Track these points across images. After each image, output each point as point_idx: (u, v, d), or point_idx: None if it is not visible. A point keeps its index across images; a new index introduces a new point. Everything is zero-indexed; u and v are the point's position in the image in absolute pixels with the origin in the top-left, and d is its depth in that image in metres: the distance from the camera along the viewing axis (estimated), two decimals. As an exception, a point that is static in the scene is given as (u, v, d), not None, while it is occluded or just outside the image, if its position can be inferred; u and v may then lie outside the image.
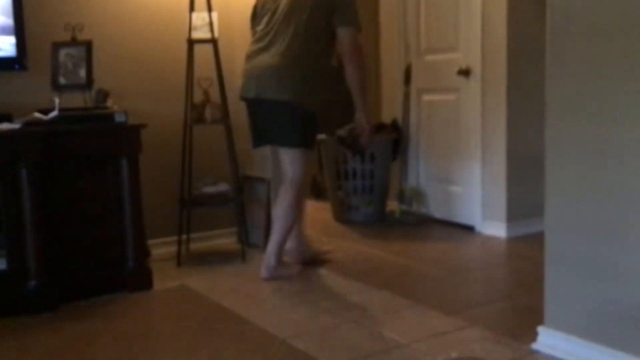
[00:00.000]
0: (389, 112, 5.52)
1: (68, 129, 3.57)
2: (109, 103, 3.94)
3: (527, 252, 4.35)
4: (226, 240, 4.67)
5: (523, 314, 3.28)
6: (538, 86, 4.62)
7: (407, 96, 5.35)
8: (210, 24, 4.21)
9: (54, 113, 3.57)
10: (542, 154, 4.63)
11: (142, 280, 3.79)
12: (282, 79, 3.72)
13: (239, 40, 4.54)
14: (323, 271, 4.10)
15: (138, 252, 3.79)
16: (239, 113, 4.49)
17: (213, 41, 4.23)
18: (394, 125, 5.42)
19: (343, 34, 3.79)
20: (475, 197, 4.88)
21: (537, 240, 4.47)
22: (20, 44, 3.90)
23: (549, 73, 2.73)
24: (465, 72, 4.86)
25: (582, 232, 2.66)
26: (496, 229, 4.72)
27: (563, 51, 2.67)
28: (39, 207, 3.47)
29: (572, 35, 2.63)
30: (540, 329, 2.87)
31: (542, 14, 4.54)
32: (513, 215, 4.68)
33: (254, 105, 3.90)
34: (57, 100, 3.66)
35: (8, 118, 3.68)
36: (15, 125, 3.47)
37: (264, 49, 3.82)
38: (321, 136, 5.47)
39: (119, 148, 3.68)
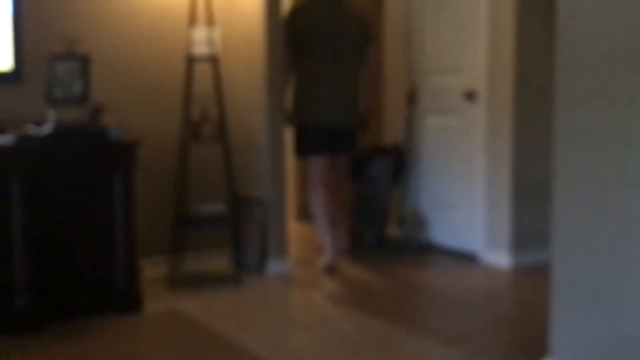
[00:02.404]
0: (391, 134, 5.43)
1: (62, 145, 3.47)
2: (104, 118, 3.85)
3: (531, 282, 4.23)
4: (220, 261, 4.54)
5: (526, 345, 3.16)
6: (546, 111, 4.58)
7: (410, 118, 5.25)
8: (211, 39, 4.12)
9: (48, 127, 3.47)
10: (549, 180, 4.58)
11: (132, 302, 3.66)
12: (353, 109, 4.57)
13: (239, 57, 4.45)
14: (320, 298, 3.98)
15: (129, 273, 3.66)
16: (237, 131, 4.41)
17: (213, 57, 4.14)
18: (395, 147, 5.32)
19: (371, 48, 4.70)
20: (479, 223, 4.77)
21: (541, 270, 4.38)
22: (18, 57, 3.82)
23: (558, 100, 2.65)
24: (469, 95, 4.77)
25: (591, 262, 2.56)
26: (500, 256, 4.60)
27: (573, 78, 2.61)
28: (28, 224, 3.36)
29: (581, 63, 2.58)
30: (546, 361, 2.76)
31: (550, 36, 4.51)
32: (517, 243, 4.56)
33: (332, 133, 4.51)
34: (51, 115, 3.56)
35: (1, 130, 3.58)
36: (8, 140, 3.36)
37: (330, 74, 4.43)
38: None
39: (113, 165, 3.57)
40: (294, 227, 5.45)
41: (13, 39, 3.83)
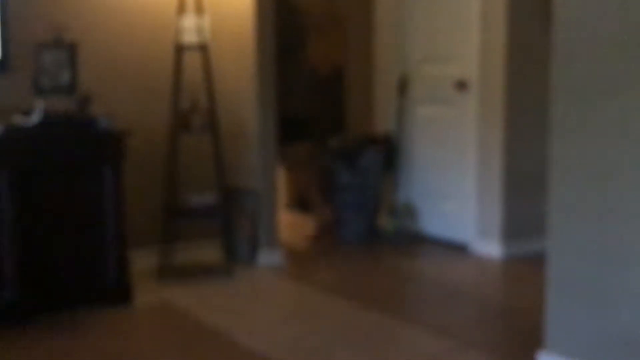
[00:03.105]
0: (382, 124, 5.39)
1: (50, 135, 3.41)
2: (92, 107, 3.79)
3: (523, 272, 4.23)
4: (210, 251, 4.49)
5: (520, 337, 3.15)
6: (538, 101, 4.56)
7: (401, 108, 5.22)
8: (200, 28, 4.06)
9: (36, 117, 3.41)
10: (541, 171, 4.56)
11: (122, 294, 3.62)
12: None
13: (229, 45, 4.40)
14: (312, 289, 3.95)
15: (118, 265, 3.62)
16: (227, 121, 4.36)
17: (203, 46, 4.09)
18: (386, 138, 5.29)
19: None
20: (470, 213, 4.75)
21: (533, 260, 4.39)
22: (4, 45, 3.75)
23: (554, 91, 2.63)
24: (461, 85, 4.74)
25: (586, 256, 2.54)
26: (491, 247, 4.58)
27: (568, 69, 2.59)
28: (17, 215, 3.32)
29: (577, 54, 2.56)
30: (540, 354, 2.74)
31: (543, 26, 4.50)
32: (508, 234, 4.55)
33: None
34: (39, 104, 3.50)
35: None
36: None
37: None
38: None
39: (102, 155, 3.53)
40: (284, 217, 5.41)
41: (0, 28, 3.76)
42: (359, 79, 6.06)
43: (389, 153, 5.25)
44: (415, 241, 5.03)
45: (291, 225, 5.39)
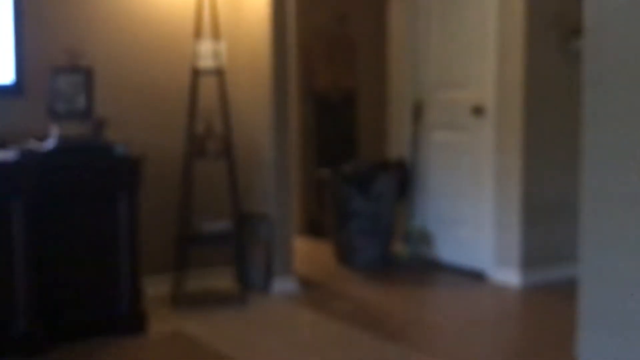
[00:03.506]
0: (396, 149, 5.33)
1: (65, 161, 3.36)
2: (107, 132, 3.74)
3: (542, 303, 4.15)
4: (224, 278, 4.42)
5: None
6: (555, 127, 4.52)
7: (415, 133, 5.16)
8: (217, 53, 4.02)
9: (51, 143, 3.35)
10: (560, 198, 4.56)
11: (136, 323, 3.54)
12: None
13: (245, 70, 4.36)
14: (328, 319, 3.87)
15: (133, 294, 3.55)
16: (242, 146, 4.30)
17: (219, 71, 4.05)
18: (400, 163, 5.23)
19: None
20: (487, 240, 4.67)
21: (552, 289, 4.32)
22: (19, 69, 3.71)
23: (588, 121, 2.57)
24: (478, 110, 4.69)
25: (621, 289, 2.46)
26: (509, 275, 4.50)
27: (603, 99, 2.53)
28: (30, 243, 3.25)
29: (611, 84, 2.50)
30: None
31: (561, 52, 4.46)
32: (527, 262, 4.46)
33: None
34: (54, 130, 3.45)
35: (2, 145, 3.48)
36: (10, 156, 3.25)
37: None
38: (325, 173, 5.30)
39: (118, 182, 3.47)
40: (299, 243, 5.33)
41: (14, 51, 3.72)
42: (371, 103, 6.02)
43: (403, 179, 5.19)
44: (430, 268, 4.96)
45: (305, 251, 5.32)
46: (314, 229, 6.08)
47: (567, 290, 4.32)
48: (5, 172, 3.19)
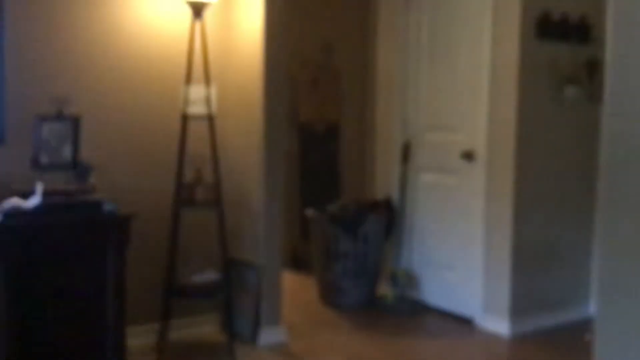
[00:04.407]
0: (383, 189, 5.26)
1: (51, 221, 3.19)
2: (92, 180, 3.60)
3: (532, 353, 4.10)
4: (208, 327, 4.30)
5: None
6: (546, 176, 4.49)
7: (403, 175, 5.08)
8: (207, 98, 3.90)
9: (36, 201, 3.19)
10: (551, 244, 4.52)
11: (121, 384, 3.40)
12: None
13: (235, 114, 4.24)
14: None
15: (117, 351, 3.40)
16: (231, 191, 4.18)
17: (210, 117, 3.92)
18: (387, 203, 5.15)
19: None
20: (476, 286, 4.62)
21: (541, 338, 4.28)
22: (0, 117, 3.54)
23: (602, 205, 2.50)
24: (468, 155, 4.63)
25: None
26: (498, 323, 4.45)
27: (621, 180, 2.45)
28: (13, 307, 3.09)
29: (632, 166, 2.42)
30: None
31: (555, 99, 4.42)
32: (517, 310, 4.42)
33: None
34: (39, 185, 3.28)
35: (-18, 199, 3.31)
36: (-8, 216, 3.08)
37: None
38: (310, 212, 5.19)
39: (105, 240, 3.31)
40: (285, 277, 5.20)
41: (-5, 96, 3.55)
42: (355, 135, 5.96)
43: (390, 219, 5.11)
44: (416, 311, 4.88)
45: (289, 288, 5.19)
46: (296, 262, 5.98)
47: (557, 339, 4.33)
48: (-12, 235, 3.02)
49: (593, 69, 4.51)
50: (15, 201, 3.22)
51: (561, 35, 4.44)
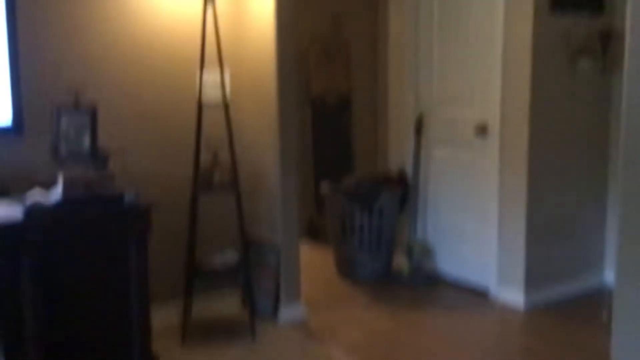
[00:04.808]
0: (397, 161, 5.29)
1: (73, 214, 3.24)
2: (110, 165, 3.65)
3: (547, 326, 4.17)
4: (230, 304, 4.40)
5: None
6: (561, 147, 4.50)
7: (417, 148, 5.10)
8: (221, 83, 3.91)
9: (57, 196, 3.24)
10: (565, 215, 4.56)
11: (148, 368, 3.50)
12: None
13: (250, 97, 4.26)
14: (339, 351, 3.86)
15: (143, 340, 3.47)
16: (249, 174, 4.24)
17: (225, 102, 3.94)
18: (401, 176, 5.19)
19: None
20: (490, 257, 4.68)
21: (556, 309, 4.35)
22: (17, 107, 3.58)
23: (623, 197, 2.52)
24: (481, 129, 4.64)
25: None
26: (513, 294, 4.52)
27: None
28: (39, 301, 3.17)
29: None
30: None
31: (568, 71, 4.40)
32: (531, 281, 4.49)
33: None
34: (59, 177, 3.33)
35: (5, 192, 3.37)
36: (16, 213, 3.14)
37: None
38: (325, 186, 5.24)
39: (128, 231, 3.36)
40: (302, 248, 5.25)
41: (11, 89, 3.58)
42: (366, 106, 5.96)
43: (405, 193, 5.15)
44: (432, 283, 4.96)
45: (307, 260, 5.26)
46: (312, 232, 6.06)
47: (572, 310, 4.40)
48: (12, 232, 3.08)
49: (607, 40, 4.48)
50: (37, 194, 3.28)
51: (575, 6, 4.41)
